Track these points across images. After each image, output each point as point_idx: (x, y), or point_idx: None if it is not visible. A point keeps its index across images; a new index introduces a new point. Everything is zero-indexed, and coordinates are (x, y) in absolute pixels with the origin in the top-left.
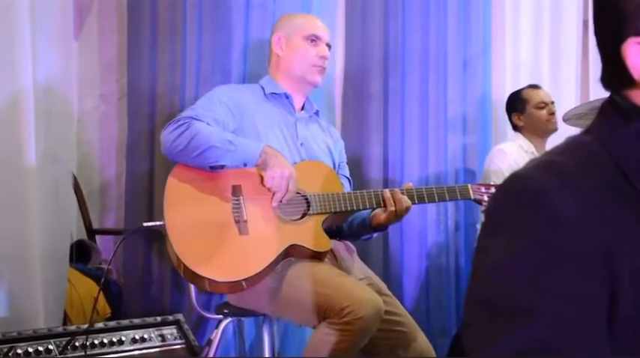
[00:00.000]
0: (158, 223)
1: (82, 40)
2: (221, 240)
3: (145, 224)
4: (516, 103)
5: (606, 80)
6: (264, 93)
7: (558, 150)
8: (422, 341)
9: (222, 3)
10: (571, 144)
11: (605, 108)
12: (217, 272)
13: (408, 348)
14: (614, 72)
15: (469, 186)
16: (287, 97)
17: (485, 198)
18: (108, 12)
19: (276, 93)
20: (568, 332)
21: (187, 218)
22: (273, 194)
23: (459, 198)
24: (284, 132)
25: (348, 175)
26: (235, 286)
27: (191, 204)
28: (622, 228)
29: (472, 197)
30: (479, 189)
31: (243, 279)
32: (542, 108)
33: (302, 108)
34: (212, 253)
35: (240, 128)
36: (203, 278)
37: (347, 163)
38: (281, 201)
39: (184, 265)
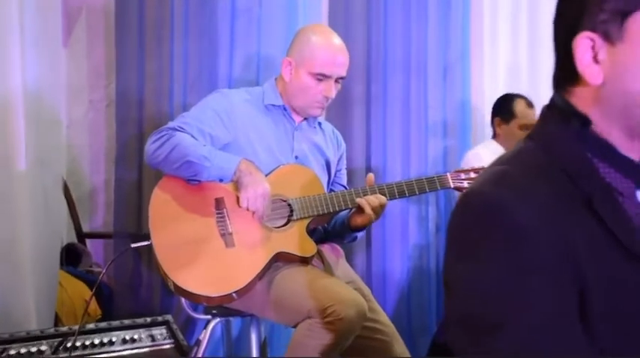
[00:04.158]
0: (145, 243)
1: (70, 46)
2: (208, 254)
3: (132, 245)
4: (503, 111)
5: (555, 76)
6: (263, 102)
7: (506, 159)
8: (400, 348)
9: (208, 10)
10: (517, 152)
11: (545, 114)
12: (208, 287)
13: (386, 355)
14: (562, 66)
15: (448, 174)
16: (285, 109)
17: (465, 184)
18: (96, 19)
19: (274, 104)
20: (544, 337)
21: (173, 236)
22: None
23: (438, 188)
24: (278, 145)
25: (344, 183)
26: (226, 298)
27: (176, 222)
28: (576, 229)
29: (452, 186)
30: (458, 176)
31: (234, 291)
32: (525, 129)
33: (304, 118)
34: (201, 269)
35: (234, 140)
36: (194, 294)
37: None
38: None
39: (175, 283)
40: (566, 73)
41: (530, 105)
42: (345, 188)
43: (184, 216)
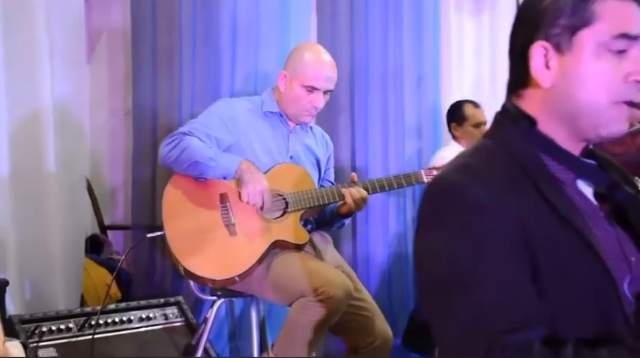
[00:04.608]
0: (159, 233)
1: (92, 64)
2: (214, 243)
3: (148, 235)
4: (456, 116)
5: (509, 82)
6: (262, 109)
7: (468, 153)
8: (382, 324)
9: (213, 30)
10: (477, 147)
11: (498, 118)
12: (214, 271)
13: (369, 329)
14: (517, 72)
15: (422, 171)
16: (281, 115)
17: None
18: (115, 40)
19: (272, 111)
20: (508, 291)
21: (183, 227)
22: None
23: (414, 183)
24: (275, 147)
25: (332, 179)
26: (230, 281)
27: (186, 215)
28: (526, 207)
29: (425, 181)
30: (430, 172)
31: (237, 275)
32: (478, 127)
33: (297, 123)
34: (207, 256)
35: (236, 142)
36: (202, 277)
37: None
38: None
39: (185, 268)
40: (519, 78)
41: (476, 105)
42: (333, 184)
43: (193, 209)
